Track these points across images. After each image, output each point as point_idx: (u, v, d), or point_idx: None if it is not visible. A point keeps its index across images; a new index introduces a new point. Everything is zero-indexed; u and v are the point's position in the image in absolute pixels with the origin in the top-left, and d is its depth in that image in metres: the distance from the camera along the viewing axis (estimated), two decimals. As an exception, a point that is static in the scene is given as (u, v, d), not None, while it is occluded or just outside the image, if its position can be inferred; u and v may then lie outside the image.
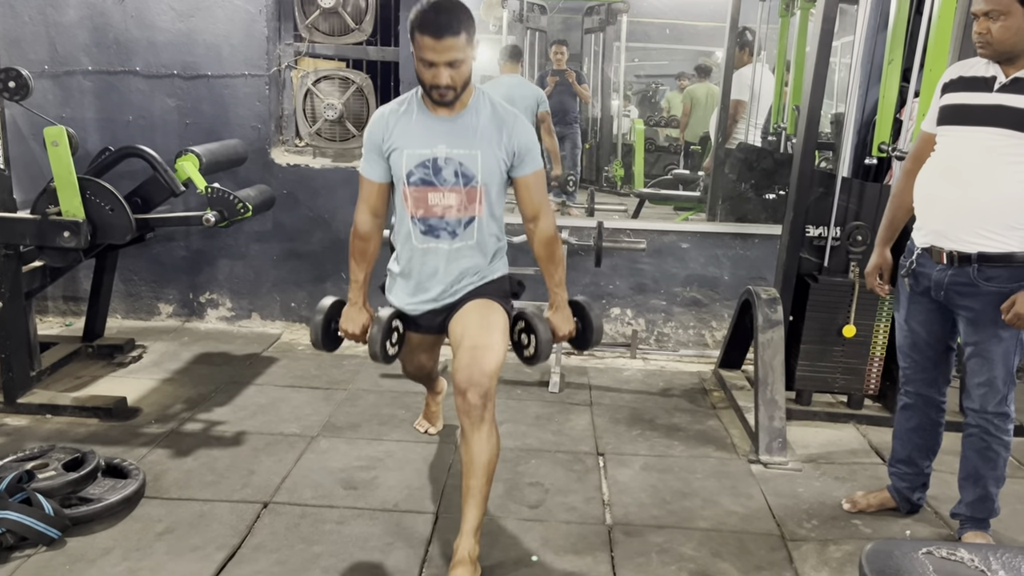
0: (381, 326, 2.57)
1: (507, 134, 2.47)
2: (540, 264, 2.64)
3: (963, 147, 2.43)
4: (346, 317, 2.69)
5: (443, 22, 2.25)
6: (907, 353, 2.75)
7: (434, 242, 2.54)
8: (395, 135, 2.48)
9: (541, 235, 2.59)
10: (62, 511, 2.55)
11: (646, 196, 6.14)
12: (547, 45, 6.25)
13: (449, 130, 2.46)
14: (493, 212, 2.56)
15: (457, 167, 2.46)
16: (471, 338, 2.47)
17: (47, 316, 4.80)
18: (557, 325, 2.62)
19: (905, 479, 2.85)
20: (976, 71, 2.45)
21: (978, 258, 2.41)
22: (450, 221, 2.51)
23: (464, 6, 2.32)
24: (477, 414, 2.36)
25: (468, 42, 2.31)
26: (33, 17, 4.42)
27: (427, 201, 2.50)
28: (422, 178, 2.48)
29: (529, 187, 2.54)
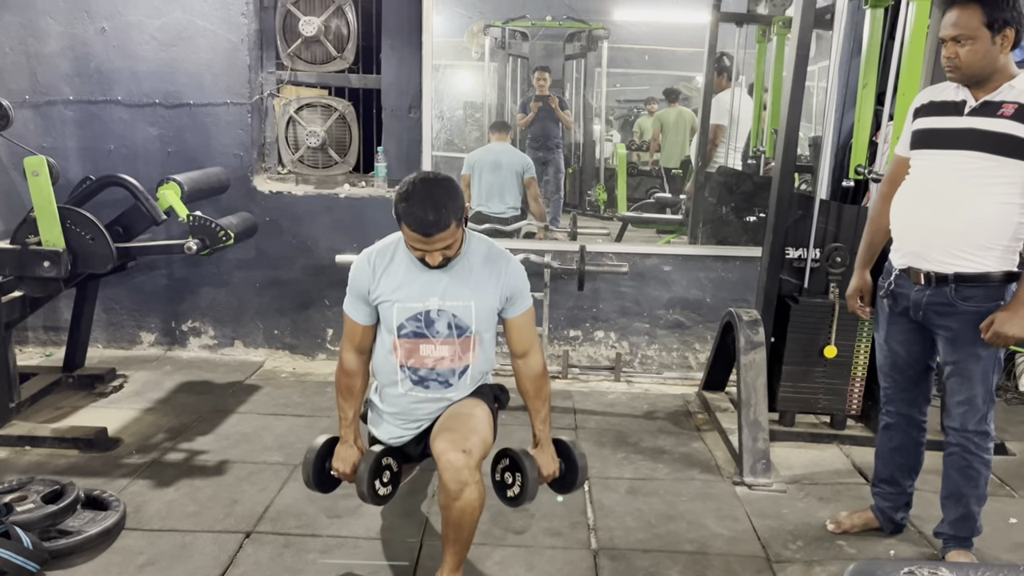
0: (368, 465, 2.41)
1: (500, 279, 2.41)
2: (526, 400, 2.55)
3: (936, 170, 2.47)
4: (338, 456, 2.52)
5: (431, 221, 2.17)
6: (887, 373, 2.77)
7: (423, 392, 2.46)
8: (382, 286, 2.39)
9: (529, 371, 2.51)
10: (41, 544, 2.51)
11: (629, 220, 6.18)
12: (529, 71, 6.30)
13: (442, 281, 2.37)
14: (486, 356, 2.51)
15: (451, 319, 2.39)
16: (449, 420, 2.39)
17: (27, 346, 4.76)
18: (540, 464, 2.48)
19: (888, 499, 2.86)
20: (946, 95, 2.50)
21: (955, 278, 2.44)
22: (442, 372, 2.43)
23: (448, 188, 2.23)
24: (467, 476, 2.22)
25: (458, 225, 2.25)
26: (14, 47, 4.43)
27: (419, 352, 2.41)
28: (414, 331, 2.40)
29: (519, 328, 2.49)
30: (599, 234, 6.17)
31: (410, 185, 2.23)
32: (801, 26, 3.38)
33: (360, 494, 2.42)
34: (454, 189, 2.25)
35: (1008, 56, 2.38)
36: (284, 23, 4.54)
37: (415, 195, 2.20)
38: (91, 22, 4.40)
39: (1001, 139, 2.34)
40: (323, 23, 4.48)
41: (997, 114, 2.36)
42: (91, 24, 4.40)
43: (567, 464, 2.56)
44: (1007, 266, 2.42)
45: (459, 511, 2.26)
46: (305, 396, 4.12)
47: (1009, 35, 2.34)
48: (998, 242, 2.40)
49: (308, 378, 4.43)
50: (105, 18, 4.39)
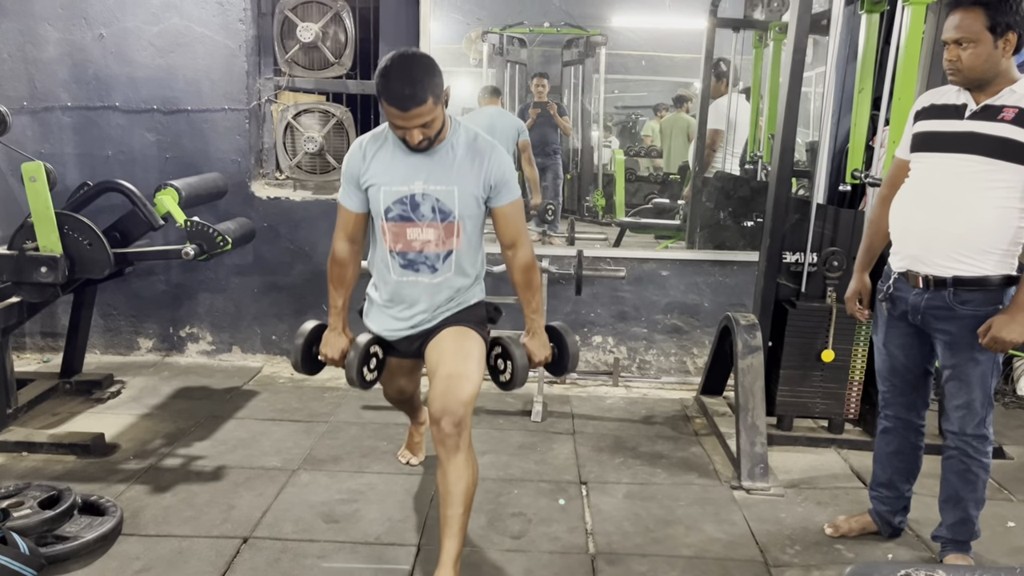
0: (358, 351, 2.58)
1: (484, 167, 2.47)
2: (517, 291, 2.65)
3: (936, 174, 2.48)
4: (325, 341, 2.70)
5: (407, 95, 2.24)
6: (886, 377, 2.77)
7: (413, 275, 2.55)
8: (372, 170, 2.49)
9: (519, 262, 2.60)
10: (37, 550, 2.51)
11: (627, 225, 6.19)
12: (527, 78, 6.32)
13: (426, 166, 2.46)
14: (471, 243, 2.57)
15: (434, 203, 2.47)
16: (446, 367, 2.46)
17: (24, 352, 4.75)
18: (533, 351, 2.64)
19: (886, 503, 2.86)
20: (947, 99, 2.50)
21: (953, 282, 2.44)
22: (428, 255, 2.52)
23: (427, 65, 2.29)
24: (452, 443, 2.35)
25: (436, 102, 2.29)
26: (12, 54, 4.43)
27: (406, 236, 2.51)
28: (400, 214, 2.49)
29: (507, 216, 2.56)
30: (597, 239, 6.18)
31: (388, 61, 2.27)
32: (797, 31, 3.40)
33: (349, 379, 2.58)
34: (432, 65, 2.29)
35: (1010, 60, 2.38)
36: (282, 29, 4.54)
37: (393, 70, 2.25)
38: (89, 28, 4.41)
39: (1001, 143, 2.34)
40: (321, 29, 4.49)
41: (998, 118, 2.36)
42: (89, 30, 4.41)
43: (559, 348, 2.71)
44: (1006, 270, 2.42)
45: (455, 475, 2.36)
46: (303, 402, 4.12)
47: (1011, 39, 2.34)
48: (997, 246, 2.40)
49: (306, 384, 4.42)
50: (103, 24, 4.40)
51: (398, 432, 3.65)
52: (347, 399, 4.13)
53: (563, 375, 2.81)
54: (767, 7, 5.02)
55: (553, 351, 2.70)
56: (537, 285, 2.64)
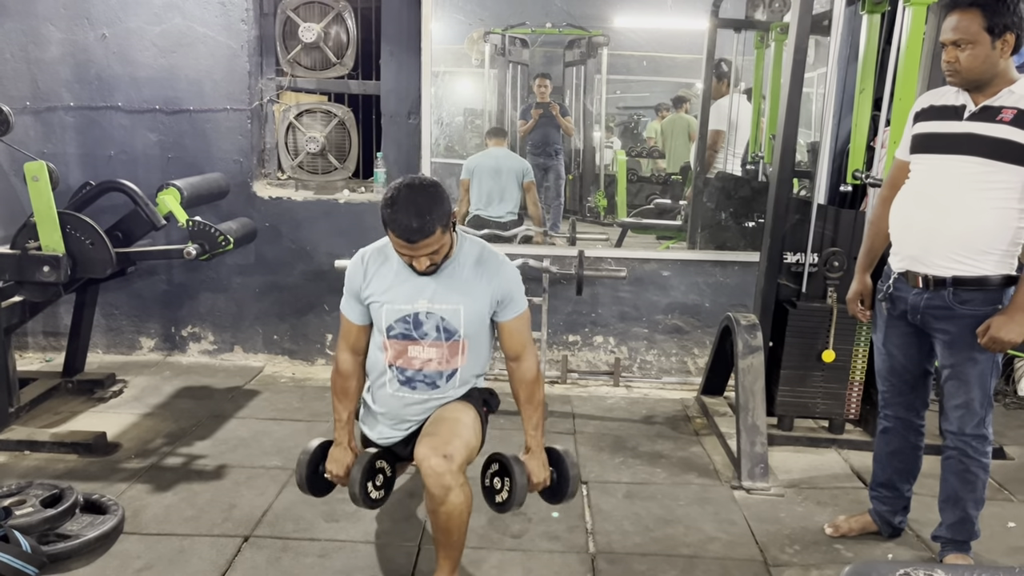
0: (361, 467, 2.41)
1: (491, 283, 2.39)
2: (519, 405, 2.52)
3: (935, 175, 2.48)
4: (331, 458, 2.52)
5: (415, 228, 2.17)
6: (885, 377, 2.77)
7: (409, 393, 2.45)
8: (373, 286, 2.41)
9: (522, 376, 2.49)
10: (39, 548, 2.52)
11: (628, 225, 6.19)
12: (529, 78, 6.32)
13: (431, 284, 2.37)
14: (477, 360, 2.49)
15: (439, 322, 2.38)
16: (433, 425, 2.38)
17: (27, 352, 4.76)
18: (531, 471, 2.44)
19: (886, 503, 2.87)
20: (947, 100, 2.51)
21: (953, 282, 2.45)
22: (429, 374, 2.42)
23: (433, 195, 2.22)
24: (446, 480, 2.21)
25: (444, 231, 2.23)
26: (15, 54, 4.45)
27: (407, 353, 2.42)
28: (402, 332, 2.40)
29: (512, 331, 2.46)
30: (599, 240, 6.18)
31: (395, 191, 2.22)
32: (798, 32, 3.40)
33: (352, 496, 2.41)
34: (440, 194, 2.24)
35: (1008, 61, 2.39)
36: (284, 29, 4.56)
37: (400, 201, 2.19)
38: (92, 29, 4.42)
39: (999, 144, 2.35)
40: (323, 29, 4.50)
41: (996, 119, 2.36)
42: (92, 31, 4.42)
43: (559, 473, 2.51)
44: (1005, 270, 2.43)
45: (445, 515, 2.27)
46: (304, 401, 4.13)
47: (1009, 40, 2.34)
48: (996, 247, 2.40)
49: (307, 383, 4.43)
50: (106, 25, 4.41)
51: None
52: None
53: (560, 503, 2.57)
54: (768, 8, 5.02)
55: (552, 476, 2.50)
56: (540, 401, 2.51)
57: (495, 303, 2.42)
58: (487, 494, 2.52)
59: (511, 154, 5.61)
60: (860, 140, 3.62)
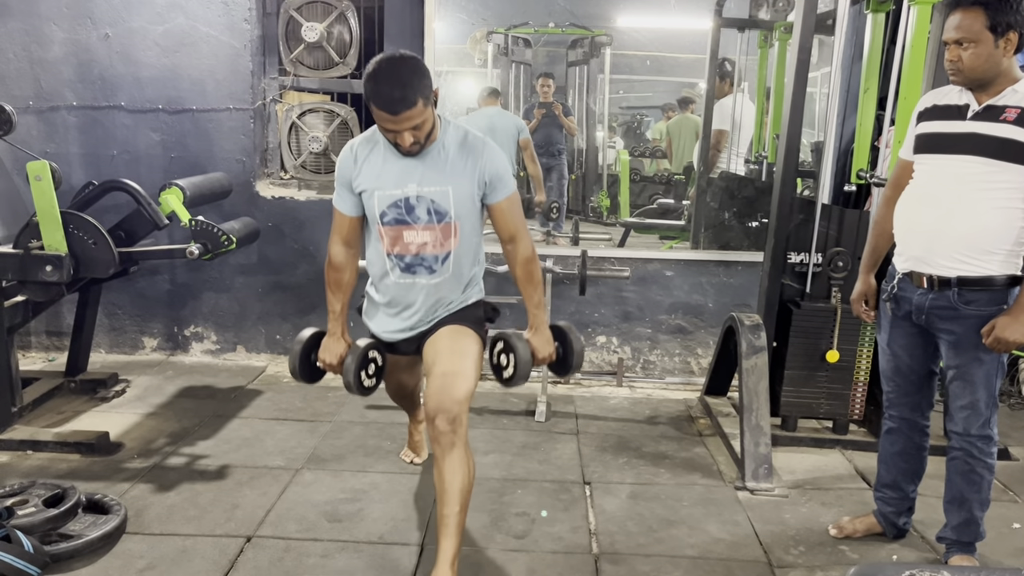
0: (356, 356, 2.54)
1: (477, 164, 2.45)
2: (519, 285, 2.63)
3: (939, 175, 2.47)
4: (324, 347, 2.67)
5: (397, 98, 2.21)
6: (890, 377, 2.76)
7: (411, 278, 2.54)
8: (363, 174, 2.47)
9: (519, 256, 2.58)
10: (42, 548, 2.51)
11: (631, 225, 6.18)
12: (532, 78, 6.31)
13: (418, 168, 2.44)
14: (469, 243, 2.56)
15: (429, 204, 2.45)
16: (441, 365, 2.45)
17: (30, 351, 4.76)
18: (536, 347, 2.59)
19: (891, 503, 2.85)
20: (950, 99, 2.50)
21: (958, 282, 2.44)
22: (426, 257, 2.51)
23: (415, 67, 2.27)
24: (447, 440, 2.34)
25: (426, 104, 2.27)
26: (18, 54, 4.44)
27: (403, 239, 2.49)
28: (395, 218, 2.47)
29: (503, 212, 2.53)
30: (602, 240, 6.18)
31: (376, 64, 2.25)
32: (802, 31, 3.39)
33: (346, 384, 2.52)
34: (420, 67, 2.27)
35: (1012, 60, 2.38)
36: (287, 29, 4.55)
37: (381, 73, 2.22)
38: (95, 28, 4.42)
39: (1003, 144, 2.34)
40: (326, 29, 4.50)
41: (999, 119, 2.35)
42: (95, 30, 4.42)
43: (564, 347, 2.66)
44: (1010, 270, 2.41)
45: (450, 473, 2.35)
46: (307, 401, 4.12)
47: (1012, 39, 2.33)
48: (1000, 247, 2.39)
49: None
50: (108, 24, 4.41)
51: (401, 432, 3.65)
52: (351, 399, 4.13)
53: (568, 374, 2.77)
54: (772, 7, 5.01)
55: (558, 350, 2.66)
56: (539, 279, 2.62)
57: (483, 184, 2.47)
58: (495, 371, 2.65)
59: (504, 112, 5.60)
60: (864, 140, 3.61)
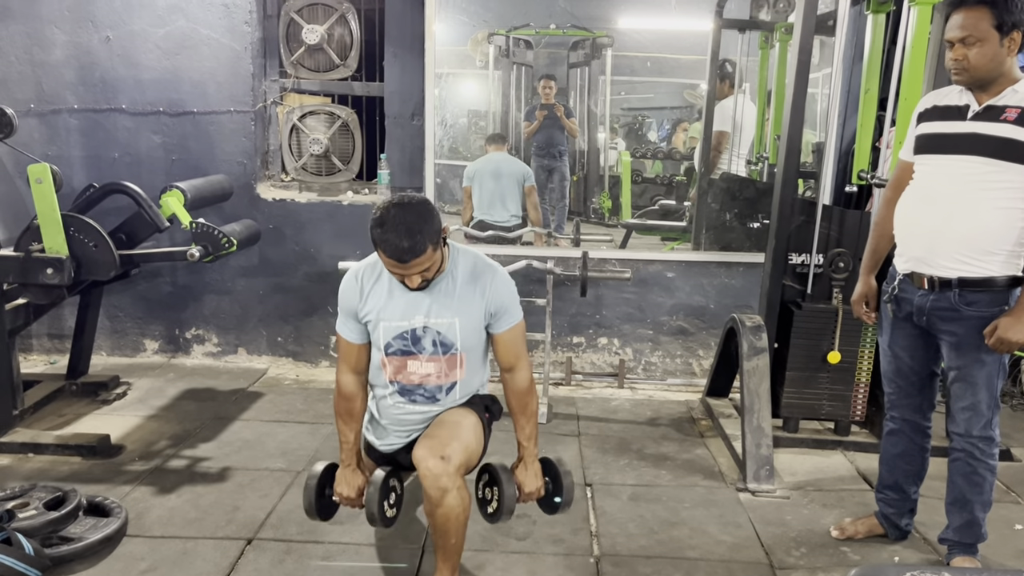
0: (377, 487, 2.41)
1: (485, 295, 2.38)
2: (512, 415, 2.50)
3: (940, 175, 2.46)
4: (340, 480, 2.50)
5: (405, 248, 2.16)
6: (891, 379, 2.76)
7: (412, 406, 2.46)
8: (369, 304, 2.40)
9: (516, 386, 2.47)
10: (43, 551, 2.52)
11: (633, 227, 6.18)
12: (533, 80, 6.32)
13: (426, 299, 2.36)
14: (476, 371, 2.50)
15: (435, 336, 2.38)
16: (433, 429, 2.39)
17: (31, 354, 4.77)
18: (523, 481, 2.45)
19: (892, 505, 2.85)
20: (950, 100, 2.49)
21: (958, 283, 2.43)
22: (429, 387, 2.43)
23: (423, 213, 2.20)
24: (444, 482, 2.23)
25: (435, 249, 2.22)
26: (19, 57, 4.45)
27: (406, 368, 2.42)
28: (400, 349, 2.40)
29: (506, 343, 2.44)
30: (603, 241, 6.18)
31: (384, 210, 2.21)
32: (803, 32, 3.39)
33: (369, 516, 2.40)
34: (429, 212, 2.23)
35: (1013, 60, 2.38)
36: (287, 31, 4.56)
37: (389, 221, 2.18)
38: (96, 31, 4.42)
39: (1003, 144, 2.33)
40: (326, 31, 4.50)
41: (1000, 119, 2.35)
42: (96, 33, 4.42)
43: (554, 483, 2.51)
44: (1011, 271, 2.41)
45: (443, 517, 2.28)
46: (308, 403, 4.12)
47: (1016, 38, 2.33)
48: (1001, 247, 2.39)
49: (311, 385, 4.43)
50: (110, 27, 4.42)
51: (403, 434, 3.64)
52: (352, 401, 4.13)
53: (555, 513, 2.57)
54: (773, 8, 5.01)
55: (547, 485, 2.52)
56: (533, 411, 2.50)
57: (488, 315, 2.41)
58: (480, 505, 2.54)
59: (510, 158, 5.62)
60: (865, 141, 3.61)
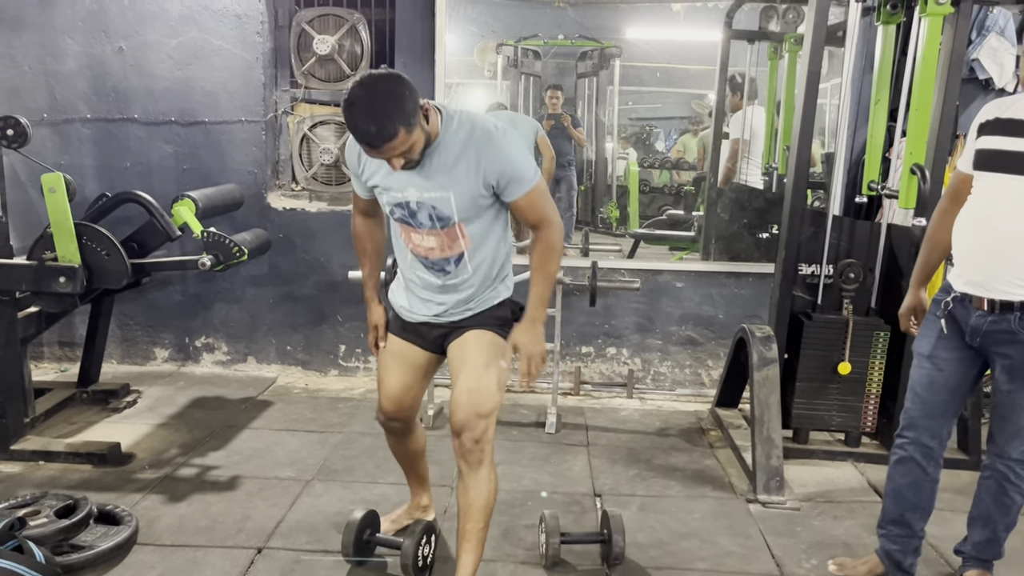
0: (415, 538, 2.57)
1: (480, 165, 2.22)
2: (531, 268, 2.38)
3: (1001, 196, 2.32)
4: (369, 322, 2.62)
5: (374, 134, 2.02)
6: (919, 392, 2.55)
7: (427, 272, 2.41)
8: (367, 172, 2.36)
9: (538, 243, 2.35)
10: (53, 559, 2.52)
11: (641, 236, 6.19)
12: (541, 90, 6.34)
13: (417, 172, 2.24)
14: (485, 240, 2.37)
15: (431, 211, 2.29)
16: (468, 379, 2.35)
17: (42, 362, 4.79)
18: (520, 342, 2.36)
19: (896, 542, 2.65)
20: (1014, 112, 2.32)
21: (1020, 307, 2.31)
22: (436, 261, 2.37)
23: (391, 93, 2.04)
24: (475, 457, 2.31)
25: (409, 130, 2.06)
26: (32, 67, 4.49)
27: (412, 239, 2.38)
28: (402, 218, 2.36)
29: (521, 208, 2.31)
30: (611, 251, 6.18)
31: (350, 92, 2.04)
32: (813, 43, 3.39)
33: (404, 567, 2.55)
34: (399, 92, 2.04)
35: None
36: (298, 42, 4.58)
37: (356, 104, 2.02)
38: (109, 42, 4.46)
39: None
40: (337, 42, 4.52)
41: None
42: (109, 43, 4.46)
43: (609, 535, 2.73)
44: None
45: (475, 490, 2.34)
46: (317, 412, 4.13)
47: None
48: None
49: (320, 394, 4.43)
50: (123, 37, 4.45)
51: (412, 443, 3.64)
52: (361, 410, 4.14)
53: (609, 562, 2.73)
54: (782, 19, 5.02)
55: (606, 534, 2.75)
56: (550, 273, 2.35)
57: (489, 186, 2.25)
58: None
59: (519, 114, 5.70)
60: (875, 151, 3.61)
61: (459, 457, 2.34)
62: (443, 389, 4.50)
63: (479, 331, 2.44)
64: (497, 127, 2.25)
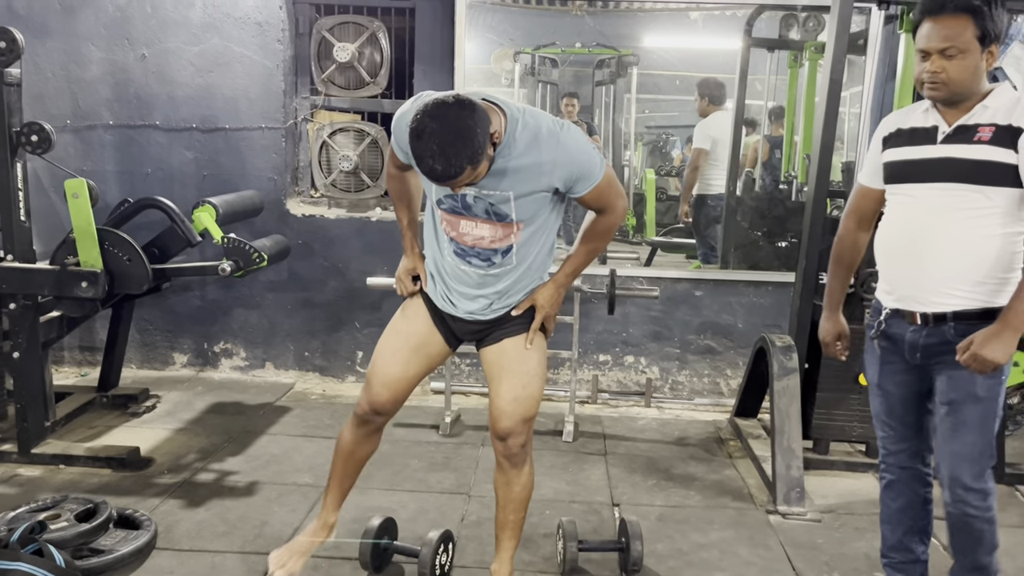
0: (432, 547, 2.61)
1: (543, 168, 2.16)
2: (576, 239, 2.44)
3: (917, 206, 2.26)
4: (400, 267, 2.53)
5: (440, 173, 1.96)
6: (884, 420, 2.48)
7: (465, 265, 2.32)
8: None
9: (595, 222, 2.37)
10: (73, 563, 2.53)
11: (658, 244, 6.17)
12: (558, 98, 6.34)
13: None
14: (537, 234, 2.31)
15: (488, 207, 2.21)
16: (512, 388, 2.35)
17: (63, 366, 4.82)
18: (540, 299, 2.37)
19: (900, 569, 2.54)
20: (915, 121, 2.28)
21: (954, 317, 2.22)
22: (483, 251, 2.28)
23: (465, 129, 1.95)
24: (520, 459, 2.42)
25: (475, 166, 2.00)
26: (56, 73, 4.53)
27: (459, 228, 2.27)
28: (451, 208, 2.26)
29: (589, 201, 2.29)
30: (628, 259, 6.16)
31: (420, 120, 1.96)
32: (834, 51, 3.37)
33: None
34: (471, 125, 1.95)
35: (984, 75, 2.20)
36: (319, 49, 4.61)
37: (425, 136, 1.94)
38: (131, 49, 4.50)
39: (980, 167, 2.15)
40: (357, 49, 4.55)
41: (974, 139, 2.16)
42: (131, 51, 4.50)
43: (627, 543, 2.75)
44: (1005, 299, 2.18)
45: (518, 485, 2.45)
46: (335, 418, 4.13)
47: (994, 52, 2.16)
48: (992, 275, 2.19)
49: (338, 400, 4.44)
50: (145, 45, 4.49)
51: (428, 450, 3.65)
52: (378, 416, 4.13)
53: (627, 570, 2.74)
54: (803, 27, 5.00)
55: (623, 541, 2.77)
56: (592, 250, 2.41)
57: (554, 187, 2.21)
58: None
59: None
60: (898, 160, 3.57)
61: (503, 458, 2.43)
62: (460, 396, 4.49)
63: (520, 337, 2.40)
64: (563, 125, 2.20)
